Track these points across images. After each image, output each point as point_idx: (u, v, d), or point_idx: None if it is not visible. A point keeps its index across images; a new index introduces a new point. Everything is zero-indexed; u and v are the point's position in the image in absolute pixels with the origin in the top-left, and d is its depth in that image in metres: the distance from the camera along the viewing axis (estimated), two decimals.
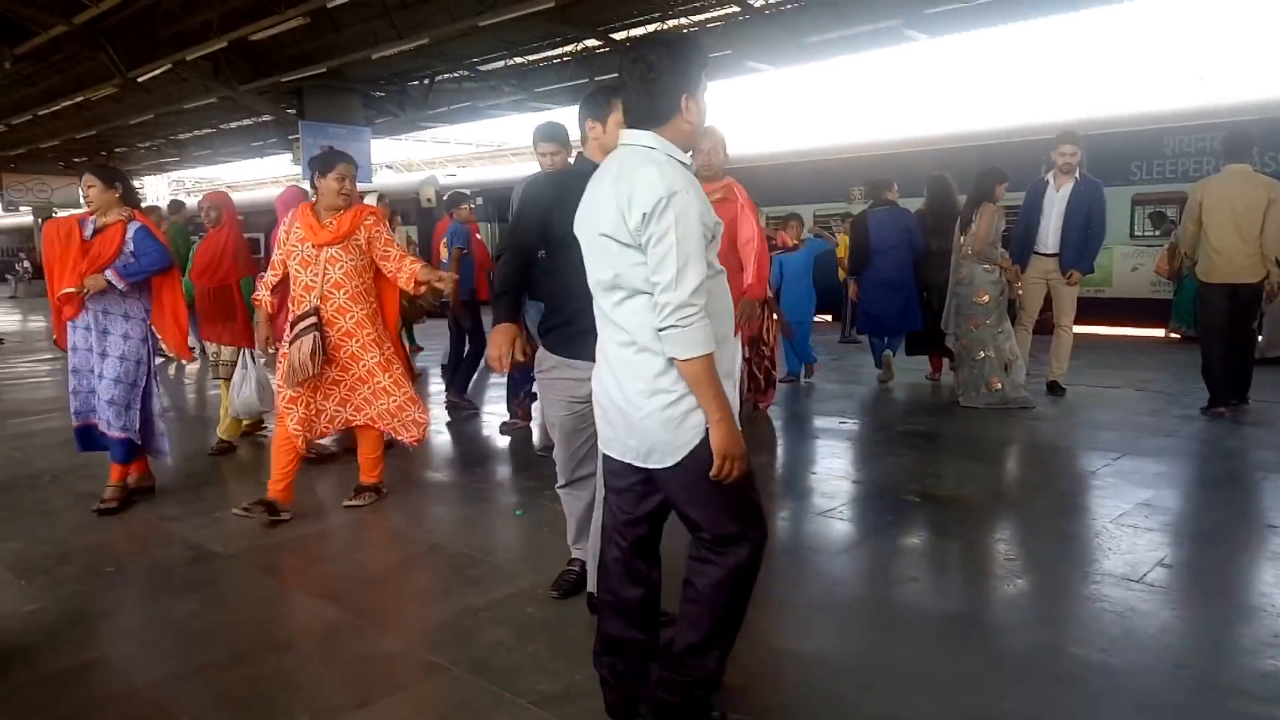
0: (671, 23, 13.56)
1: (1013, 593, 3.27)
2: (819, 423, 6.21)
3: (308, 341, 3.91)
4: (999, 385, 6.36)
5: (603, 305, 2.15)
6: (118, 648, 2.99)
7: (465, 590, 3.32)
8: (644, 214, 1.95)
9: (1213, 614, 3.02)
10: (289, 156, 22.67)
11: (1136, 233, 10.94)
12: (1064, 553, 3.63)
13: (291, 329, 3.98)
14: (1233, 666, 2.65)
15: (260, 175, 31.94)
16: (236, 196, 17.56)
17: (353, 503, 4.33)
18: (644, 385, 2.07)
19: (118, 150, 26.72)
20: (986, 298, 6.34)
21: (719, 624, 2.19)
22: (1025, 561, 3.57)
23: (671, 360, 2.00)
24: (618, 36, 14.22)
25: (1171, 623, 2.93)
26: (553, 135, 3.83)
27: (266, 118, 19.44)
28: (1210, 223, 5.82)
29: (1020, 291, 6.62)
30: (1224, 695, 2.48)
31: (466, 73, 16.17)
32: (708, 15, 13.25)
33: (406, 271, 4.08)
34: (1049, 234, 6.60)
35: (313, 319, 3.95)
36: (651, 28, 13.79)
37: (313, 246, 3.98)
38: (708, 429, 2.04)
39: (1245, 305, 5.94)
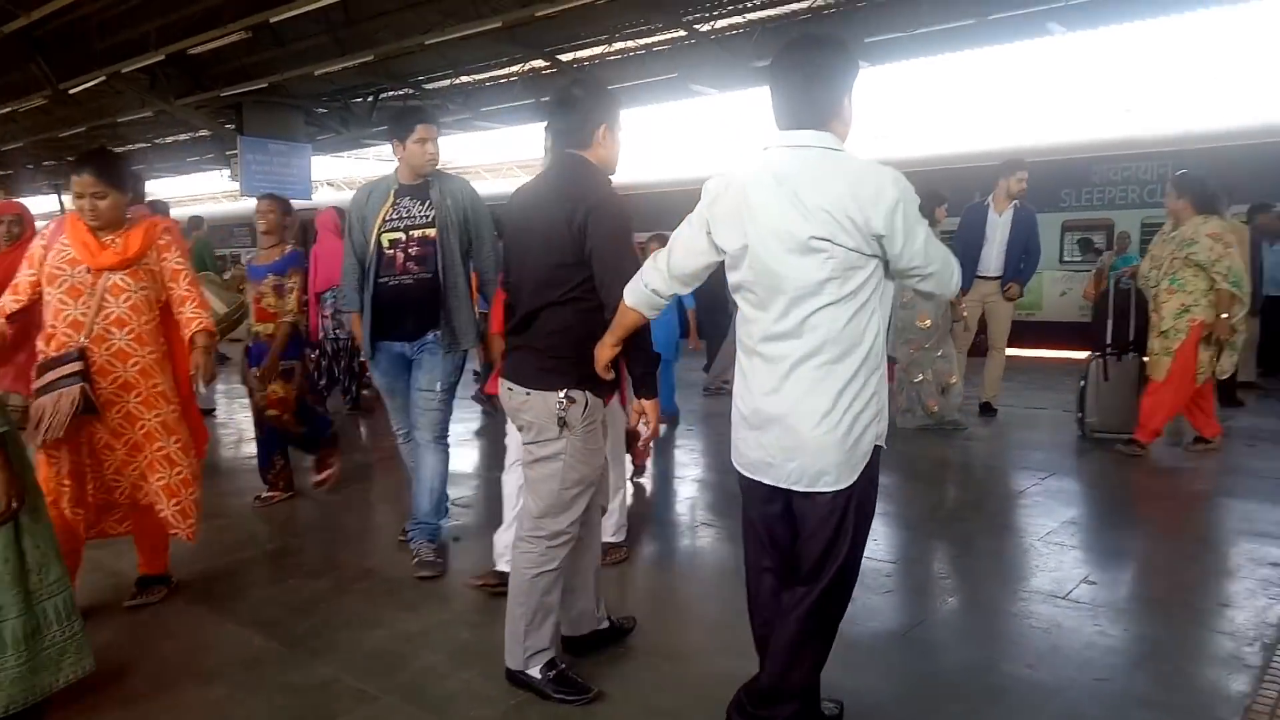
0: (619, 45, 13.66)
1: (945, 610, 3.33)
2: None
3: (67, 396, 2.97)
4: (935, 407, 6.48)
5: (789, 317, 2.02)
6: None
7: (399, 615, 3.27)
8: (887, 217, 1.93)
9: (1133, 629, 3.10)
10: (226, 172, 22.23)
11: (1066, 258, 11.28)
12: (994, 570, 3.71)
13: (39, 375, 3.04)
14: (1153, 681, 2.73)
15: (196, 191, 31.23)
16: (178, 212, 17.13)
17: (134, 602, 3.38)
18: (823, 402, 2.01)
19: (45, 164, 25.93)
20: (928, 322, 6.47)
21: (809, 663, 2.22)
22: (958, 579, 3.64)
23: (865, 374, 2.02)
24: (565, 58, 14.28)
25: (1094, 638, 3.01)
26: None
27: (204, 133, 19.06)
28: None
29: (965, 314, 6.76)
30: (1142, 708, 2.55)
31: (411, 90, 16.05)
32: (654, 39, 13.38)
33: (189, 317, 3.24)
34: (991, 258, 6.77)
35: (76, 365, 3.01)
36: (598, 50, 13.89)
37: (88, 271, 3.09)
38: (877, 448, 2.07)
39: None
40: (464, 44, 12.69)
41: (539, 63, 14.65)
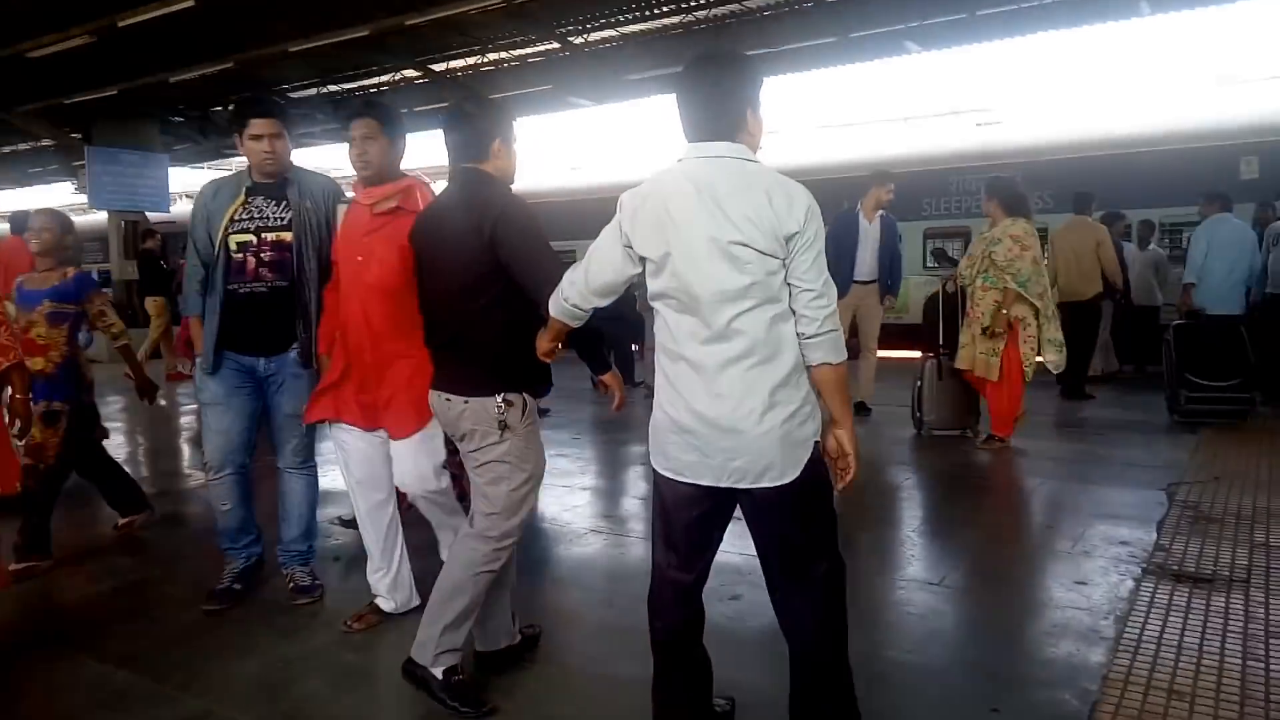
0: (492, 56, 13.58)
1: None
2: (641, 448, 6.30)
3: None
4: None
5: (715, 318, 2.04)
6: None
7: (275, 642, 3.12)
8: (802, 220, 2.00)
9: (1002, 610, 3.27)
10: (72, 185, 20.86)
11: (929, 264, 11.86)
12: (873, 562, 3.84)
13: None
14: (1021, 657, 2.88)
15: (39, 205, 29.11)
16: None
17: None
18: (761, 400, 2.03)
19: None
20: None
21: (842, 654, 2.22)
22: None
23: (798, 371, 2.05)
24: (437, 68, 14.08)
25: (967, 621, 3.16)
26: None
27: (47, 142, 17.83)
28: (1060, 258, 7.98)
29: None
30: (1014, 684, 2.69)
31: (276, 100, 15.55)
32: (529, 50, 13.36)
33: None
34: (865, 263, 7.07)
35: None
36: (472, 60, 13.76)
37: None
38: (815, 443, 2.10)
39: (1084, 318, 7.95)
40: (332, 52, 12.34)
41: (410, 72, 14.39)
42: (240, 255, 3.34)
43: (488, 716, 2.54)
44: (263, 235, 3.35)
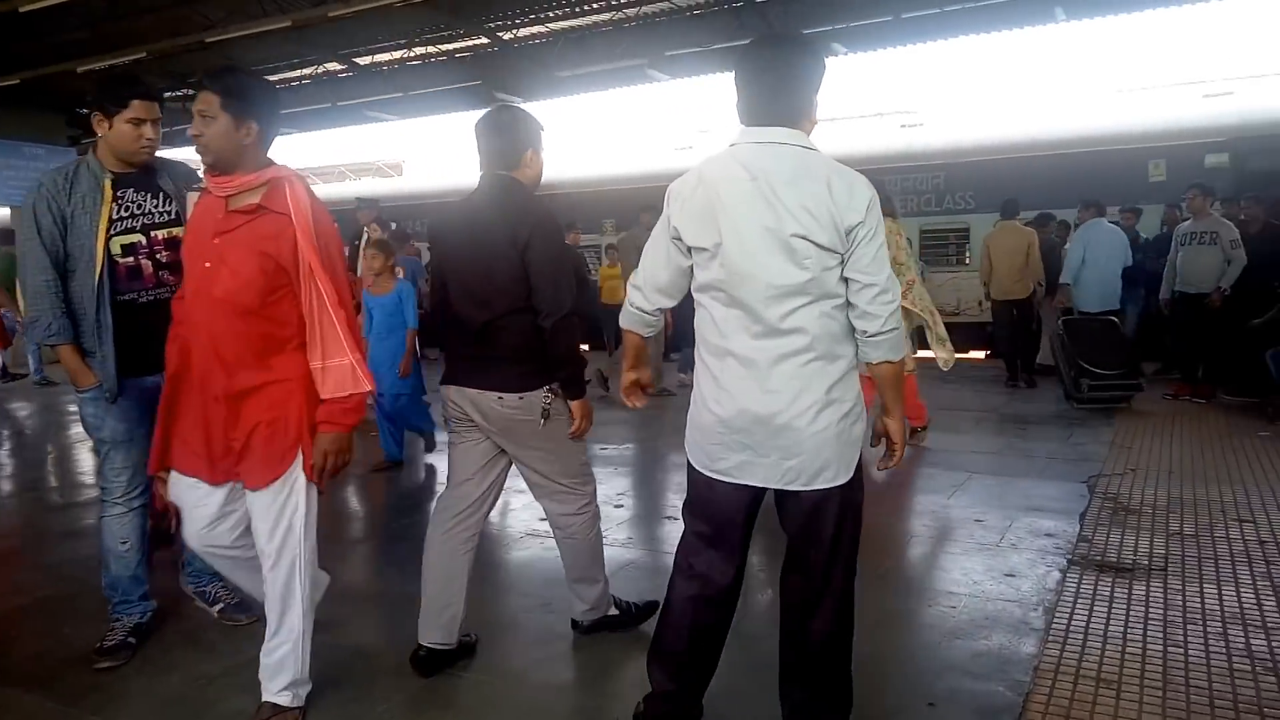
0: (418, 50, 13.33)
1: (763, 601, 3.43)
2: None
3: None
4: None
5: (767, 314, 1.98)
6: None
7: (197, 658, 2.99)
8: (864, 211, 1.93)
9: (935, 604, 3.32)
10: None
11: None
12: None
13: None
14: (955, 650, 2.93)
15: None
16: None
17: None
18: (817, 398, 1.98)
19: None
20: None
21: (847, 667, 2.22)
22: (769, 572, 3.76)
23: (848, 368, 2.03)
24: (362, 61, 13.76)
25: (902, 615, 3.20)
26: None
27: None
28: (995, 260, 8.58)
29: None
30: (949, 677, 2.73)
31: (191, 91, 14.99)
32: (456, 45, 13.15)
33: None
34: None
35: None
36: (398, 54, 13.48)
37: None
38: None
39: (1021, 313, 8.72)
40: (251, 43, 11.95)
41: (334, 65, 14.04)
42: (131, 259, 2.90)
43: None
44: (152, 234, 2.94)
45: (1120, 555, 3.72)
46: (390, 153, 34.47)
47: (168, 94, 15.32)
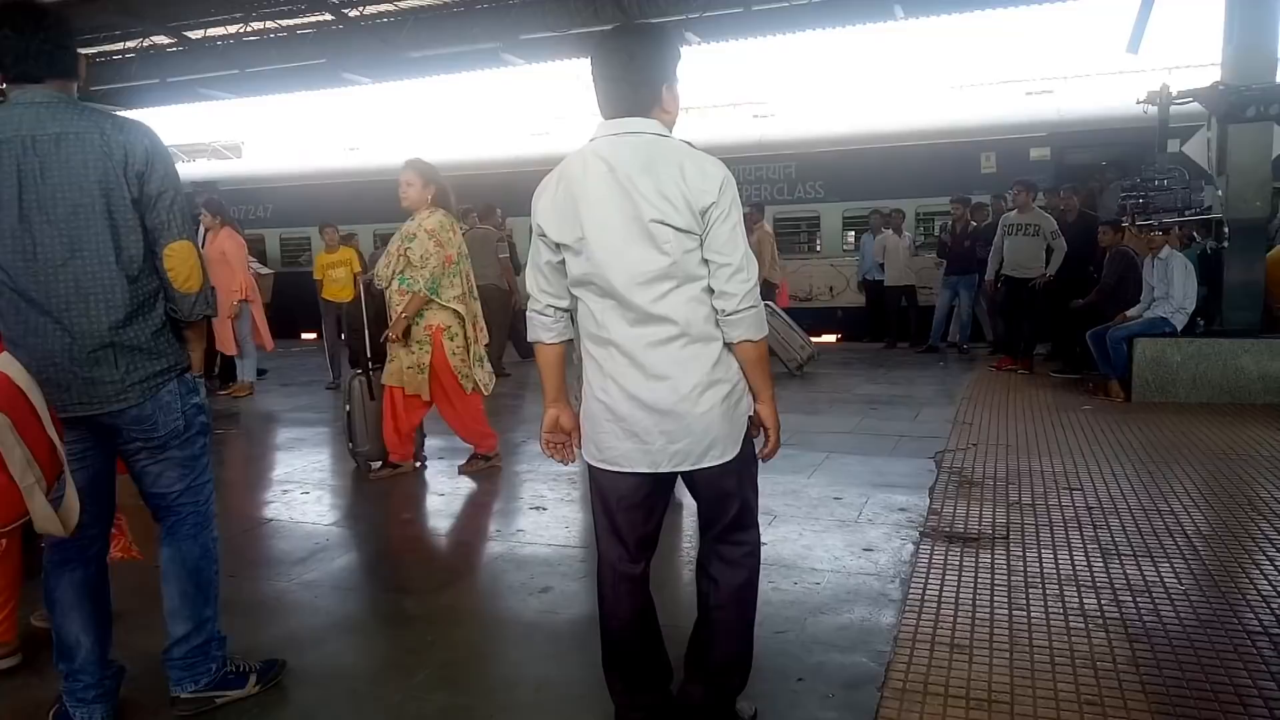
0: (255, 25, 12.59)
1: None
2: (437, 442, 6.09)
3: None
4: None
5: (638, 301, 1.98)
6: None
7: (32, 681, 2.71)
8: (716, 191, 1.95)
9: (801, 581, 3.41)
10: None
11: None
12: (671, 540, 3.91)
13: None
14: (820, 626, 3.01)
15: None
16: None
17: None
18: (700, 379, 2.01)
19: None
20: None
21: (750, 626, 2.27)
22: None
23: (726, 347, 2.04)
24: (193, 35, 12.89)
25: (771, 595, 3.26)
26: None
27: None
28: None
29: None
30: (815, 652, 2.81)
31: None
32: (298, 21, 12.51)
33: None
34: None
35: None
36: (234, 29, 12.71)
37: None
38: (749, 417, 2.13)
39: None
40: (68, 13, 10.98)
41: (163, 39, 13.10)
42: None
43: None
44: None
45: (967, 526, 3.94)
46: (228, 133, 32.50)
47: None
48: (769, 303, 8.42)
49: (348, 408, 5.29)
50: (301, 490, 4.94)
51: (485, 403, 5.25)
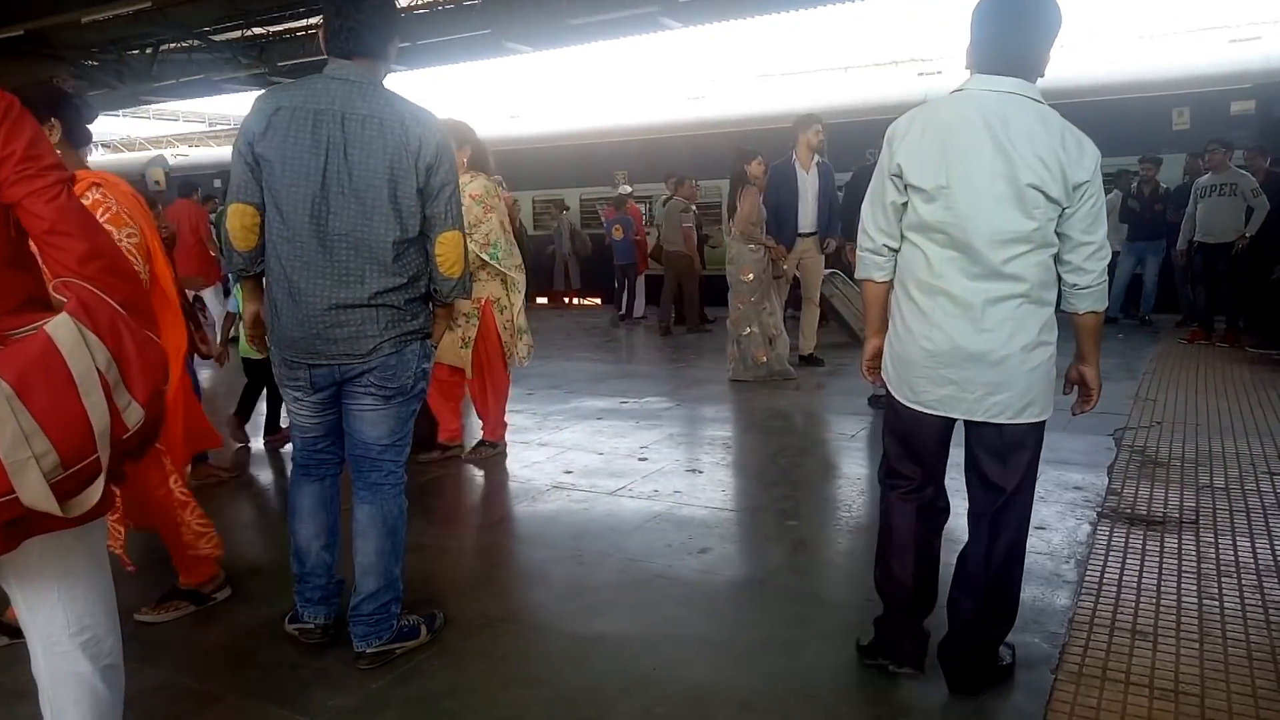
0: None
1: (795, 554, 3.43)
2: (598, 403, 6.24)
3: None
4: (764, 358, 6.69)
5: (991, 258, 2.07)
6: None
7: (238, 608, 3.02)
8: (1091, 170, 2.02)
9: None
10: None
11: None
12: (833, 512, 3.87)
13: None
14: None
15: None
16: None
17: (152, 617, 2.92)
18: (1030, 338, 2.11)
19: None
20: (751, 275, 6.64)
21: (1019, 586, 2.36)
22: (802, 523, 3.77)
23: (1054, 313, 2.14)
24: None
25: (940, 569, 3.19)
26: None
27: None
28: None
29: (785, 268, 6.98)
30: None
31: (198, 42, 14.74)
32: None
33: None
34: (806, 215, 7.02)
35: None
36: (405, 3, 13.23)
37: None
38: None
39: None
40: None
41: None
42: None
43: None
44: None
45: (1150, 508, 3.71)
46: None
47: (169, 45, 15.13)
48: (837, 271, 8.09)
49: None
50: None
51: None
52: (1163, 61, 11.86)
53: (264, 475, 4.89)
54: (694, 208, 10.18)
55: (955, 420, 2.24)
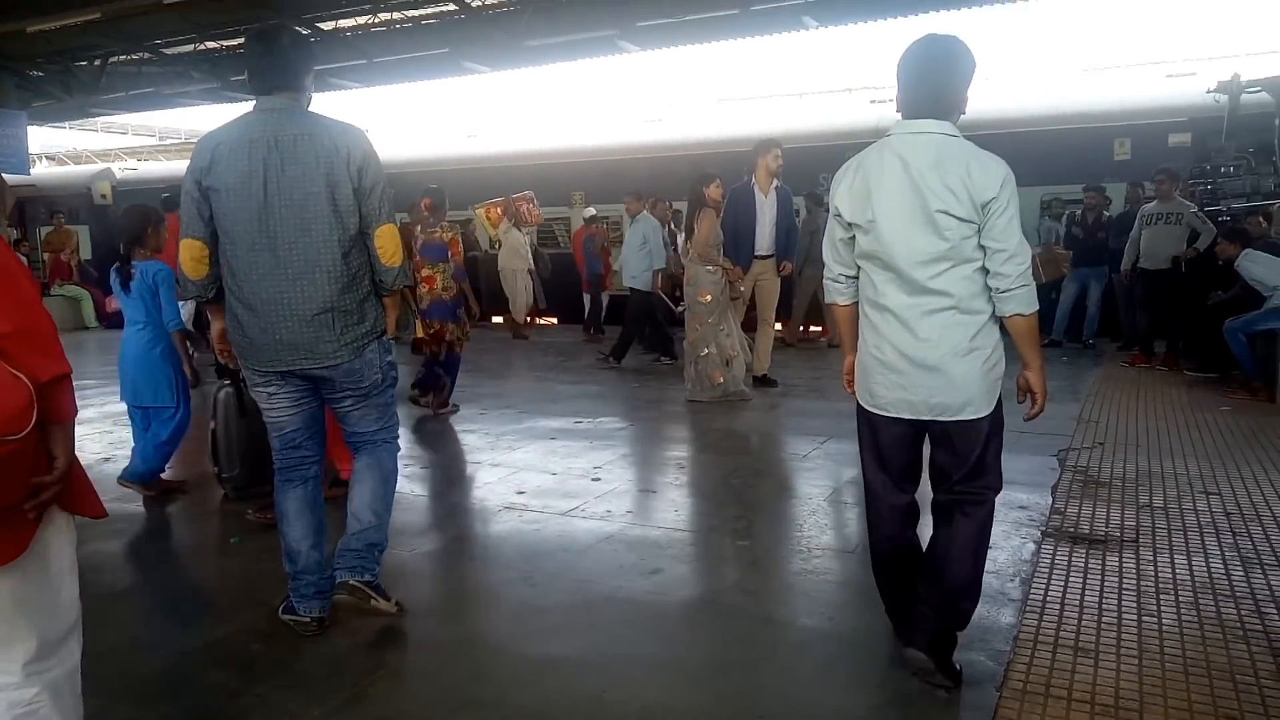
0: (384, 15, 13.03)
1: (747, 574, 3.45)
2: (552, 423, 6.22)
3: None
4: (720, 379, 6.72)
5: (916, 277, 2.34)
6: None
7: (175, 633, 2.94)
8: (997, 188, 2.25)
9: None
10: None
11: None
12: (787, 531, 3.90)
13: None
14: None
15: None
16: None
17: None
18: (962, 344, 2.35)
19: None
20: (709, 297, 6.68)
21: (980, 567, 2.54)
22: (754, 543, 3.79)
23: (990, 321, 2.37)
24: (325, 26, 13.44)
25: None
26: None
27: None
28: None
29: (742, 290, 7.02)
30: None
31: (149, 55, 14.51)
32: (423, 11, 12.88)
33: None
34: (763, 237, 7.10)
35: None
36: (362, 20, 13.18)
37: None
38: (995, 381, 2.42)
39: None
40: (210, 6, 11.63)
41: (302, 31, 13.68)
42: None
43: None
44: None
45: (1092, 527, 3.79)
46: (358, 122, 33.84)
47: (119, 57, 14.88)
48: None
49: (213, 424, 4.37)
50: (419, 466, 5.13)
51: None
52: (1106, 94, 12.24)
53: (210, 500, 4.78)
54: (671, 226, 10.14)
55: (918, 428, 2.48)
